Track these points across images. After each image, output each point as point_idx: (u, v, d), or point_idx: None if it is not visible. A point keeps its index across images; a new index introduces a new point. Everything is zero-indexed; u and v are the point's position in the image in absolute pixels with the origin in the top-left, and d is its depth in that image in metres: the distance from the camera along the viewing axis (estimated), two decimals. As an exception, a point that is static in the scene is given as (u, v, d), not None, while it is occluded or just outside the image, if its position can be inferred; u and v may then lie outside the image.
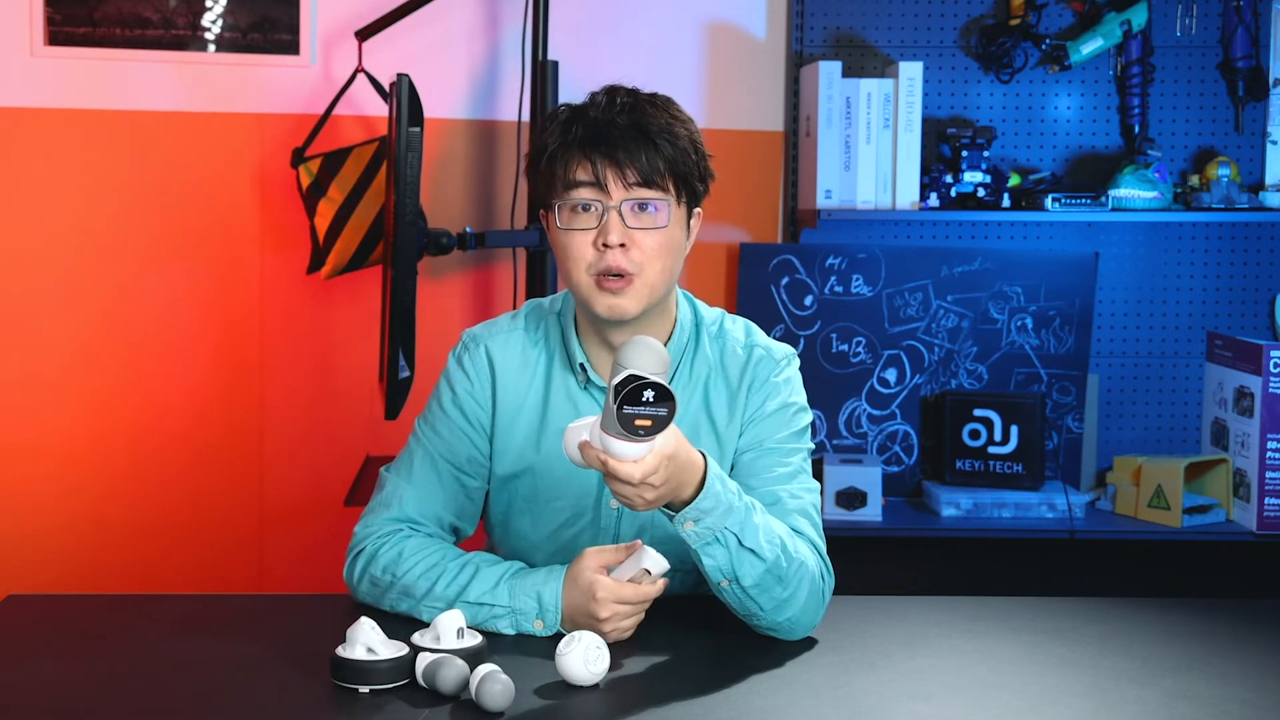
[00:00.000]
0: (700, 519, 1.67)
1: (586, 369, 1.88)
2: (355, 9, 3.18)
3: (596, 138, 1.79)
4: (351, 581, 1.90)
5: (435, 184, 3.24)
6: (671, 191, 1.81)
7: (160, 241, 3.22)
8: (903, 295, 3.19)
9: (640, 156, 1.78)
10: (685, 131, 1.82)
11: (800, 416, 1.91)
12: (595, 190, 1.79)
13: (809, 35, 3.25)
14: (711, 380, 1.90)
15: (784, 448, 1.88)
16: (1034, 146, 3.29)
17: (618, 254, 1.78)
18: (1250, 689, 1.61)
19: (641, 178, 1.78)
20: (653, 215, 1.80)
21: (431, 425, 1.93)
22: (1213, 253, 3.32)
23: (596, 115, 1.80)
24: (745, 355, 1.91)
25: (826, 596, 1.81)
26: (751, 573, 1.71)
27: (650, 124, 1.79)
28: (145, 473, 3.24)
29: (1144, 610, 1.90)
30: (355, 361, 3.25)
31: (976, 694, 1.59)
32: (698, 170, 1.84)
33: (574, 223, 1.80)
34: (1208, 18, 3.24)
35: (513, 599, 1.75)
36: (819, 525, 1.86)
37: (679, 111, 1.85)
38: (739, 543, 1.70)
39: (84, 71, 3.17)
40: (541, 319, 1.95)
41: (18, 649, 1.73)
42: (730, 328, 1.94)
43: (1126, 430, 3.33)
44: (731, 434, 1.89)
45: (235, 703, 1.54)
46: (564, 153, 1.80)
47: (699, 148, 1.84)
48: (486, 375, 1.92)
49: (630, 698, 1.56)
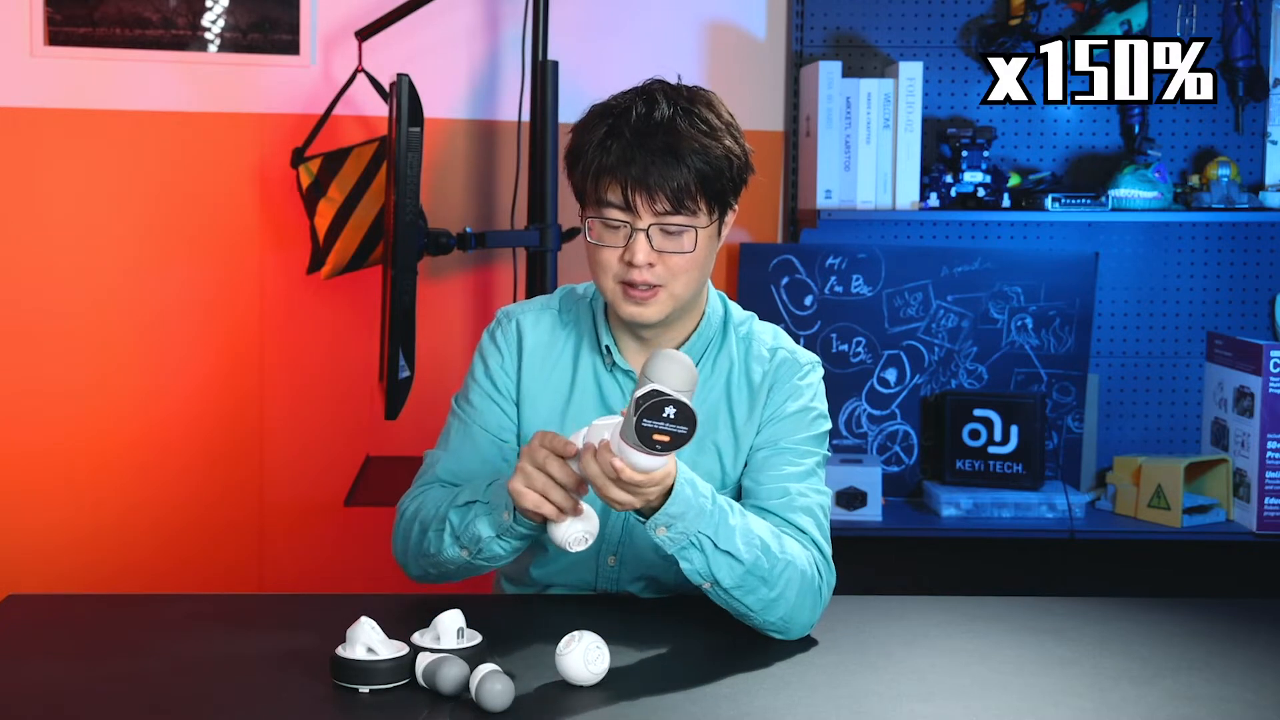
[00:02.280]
0: (671, 524, 1.68)
1: (612, 351, 1.92)
2: (355, 9, 3.18)
3: (628, 160, 1.78)
4: (396, 551, 1.92)
5: (435, 184, 3.24)
6: (703, 209, 1.81)
7: (160, 241, 3.23)
8: (903, 295, 3.19)
9: (672, 181, 1.77)
10: (721, 148, 1.80)
11: (819, 422, 1.92)
12: (625, 212, 1.80)
13: (809, 35, 3.25)
14: (734, 377, 1.93)
15: (799, 448, 1.89)
16: (1034, 146, 3.29)
17: (643, 271, 1.80)
18: (1250, 689, 1.61)
19: (671, 204, 1.78)
20: (679, 239, 1.80)
21: (466, 397, 1.98)
22: (1213, 253, 3.32)
23: (631, 134, 1.78)
24: (770, 356, 1.94)
25: (825, 596, 1.81)
26: (730, 575, 1.72)
27: (683, 144, 1.78)
28: (145, 473, 3.24)
29: (1144, 610, 1.90)
30: (355, 361, 3.25)
31: (976, 694, 1.59)
32: (733, 183, 1.83)
33: (604, 238, 1.82)
34: (1208, 18, 3.24)
35: (488, 494, 1.76)
36: (825, 527, 1.86)
37: (717, 118, 1.82)
38: (714, 546, 1.70)
39: (84, 71, 3.17)
40: (575, 302, 1.99)
41: (18, 649, 1.72)
42: (758, 329, 1.97)
43: (1126, 430, 3.33)
44: (749, 431, 1.91)
45: (235, 703, 1.54)
46: (597, 170, 1.80)
47: (734, 158, 1.82)
48: (515, 348, 1.96)
49: (630, 698, 1.56)
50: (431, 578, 1.89)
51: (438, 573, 1.86)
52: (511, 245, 3.14)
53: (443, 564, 1.82)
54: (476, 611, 1.72)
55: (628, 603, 1.92)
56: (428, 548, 1.82)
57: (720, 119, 1.83)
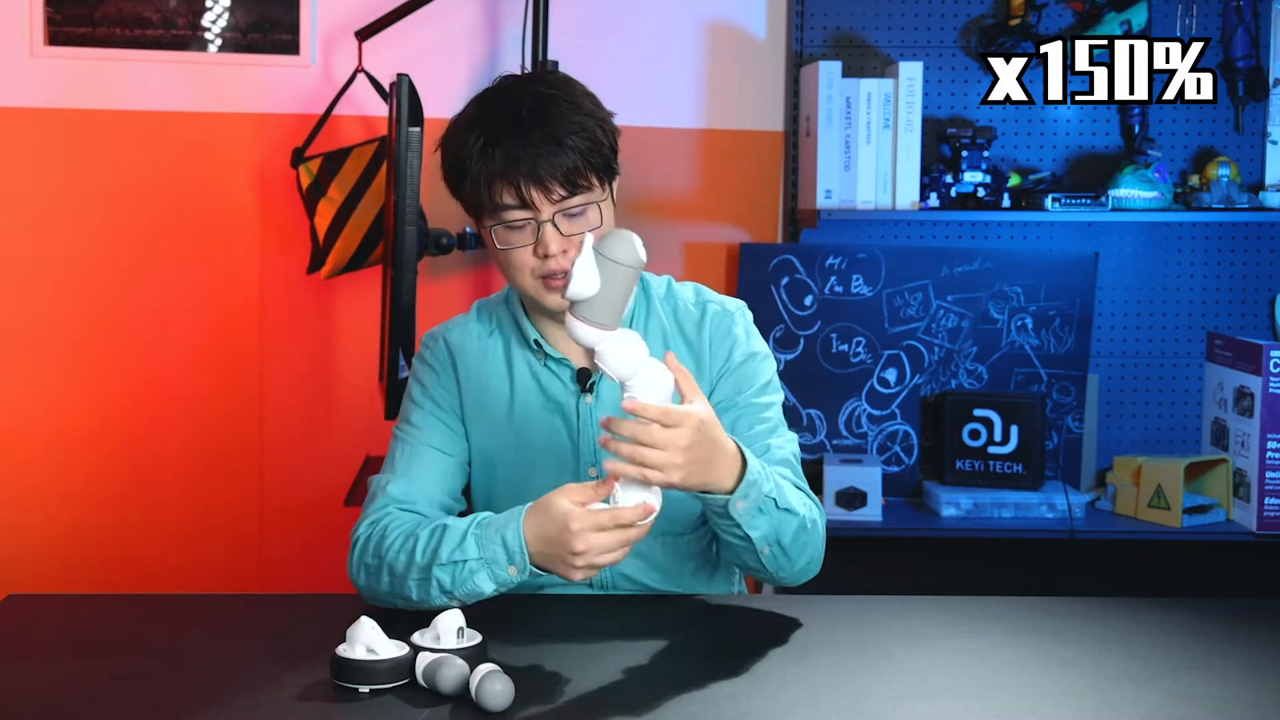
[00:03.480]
0: (748, 494, 1.71)
1: (542, 344, 1.93)
2: (355, 9, 3.18)
3: (514, 159, 1.80)
4: (353, 578, 1.89)
5: (435, 184, 3.23)
6: (595, 184, 1.84)
7: (160, 241, 3.23)
8: (903, 295, 3.19)
9: (560, 167, 1.80)
10: (593, 120, 1.84)
11: (766, 364, 1.96)
12: (525, 210, 1.82)
13: (809, 35, 3.25)
14: (670, 341, 1.94)
15: (759, 402, 1.93)
16: (1034, 146, 3.29)
17: (559, 259, 1.82)
18: (1250, 689, 1.61)
19: (567, 188, 1.81)
20: (583, 218, 1.84)
21: (406, 419, 1.97)
22: (1213, 253, 3.32)
23: (507, 133, 1.80)
24: (699, 312, 1.96)
25: (823, 531, 1.88)
26: (788, 531, 1.78)
27: (559, 128, 1.80)
28: (145, 472, 3.24)
29: (1144, 610, 1.90)
30: (355, 361, 3.25)
31: (976, 694, 1.59)
32: (612, 150, 1.87)
33: (511, 240, 1.85)
34: (1207, 18, 3.24)
35: (481, 549, 1.74)
36: (800, 470, 1.92)
37: (579, 96, 1.86)
38: (776, 505, 1.75)
39: (84, 71, 3.17)
40: (491, 310, 2.01)
41: (18, 649, 1.72)
42: (678, 289, 2.00)
43: (1126, 430, 3.33)
44: (702, 387, 1.90)
45: (235, 703, 1.54)
46: (486, 179, 1.82)
47: (605, 126, 1.86)
48: (448, 363, 1.97)
49: (630, 698, 1.56)
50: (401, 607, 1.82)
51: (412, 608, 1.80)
52: (511, 245, 3.13)
53: (424, 606, 1.78)
54: (476, 611, 1.72)
55: (628, 602, 1.92)
56: (408, 594, 1.78)
57: (578, 92, 1.86)
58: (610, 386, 1.91)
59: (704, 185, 3.30)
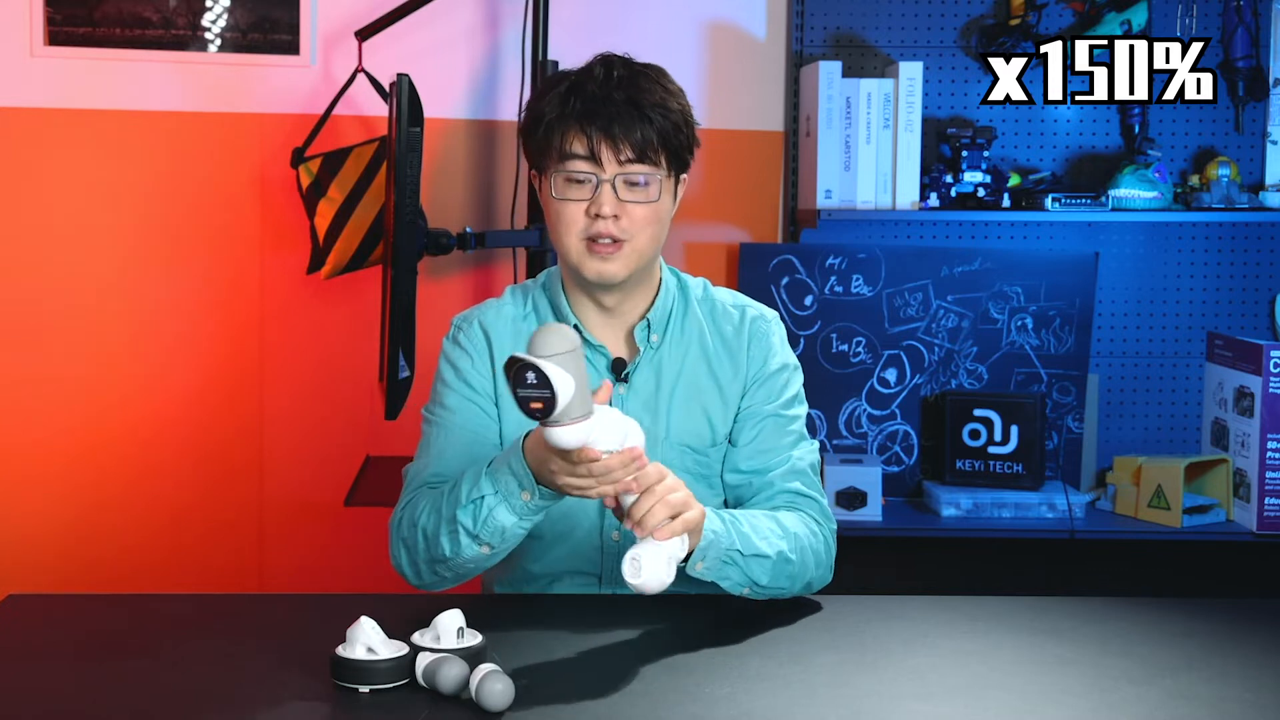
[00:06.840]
0: (704, 555, 1.77)
1: (581, 330, 1.93)
2: (355, 9, 3.18)
3: (593, 112, 1.84)
4: (395, 562, 1.91)
5: (435, 184, 3.24)
6: (663, 165, 1.87)
7: (160, 241, 3.23)
8: (903, 295, 3.19)
9: (635, 132, 1.84)
10: (678, 105, 1.89)
11: (797, 376, 2.01)
12: (590, 163, 1.85)
13: (809, 35, 3.25)
14: (707, 340, 1.98)
15: (787, 414, 1.98)
16: (1034, 146, 3.29)
17: (609, 223, 1.85)
18: (1250, 689, 1.61)
19: (635, 153, 1.85)
20: (644, 189, 1.87)
21: (439, 403, 1.97)
22: (1213, 253, 3.32)
23: (594, 89, 1.85)
24: (738, 315, 2.00)
25: (832, 544, 1.93)
26: (764, 572, 1.81)
27: (644, 98, 1.85)
28: (145, 472, 3.24)
29: (1144, 610, 1.90)
30: (355, 361, 3.25)
31: (976, 694, 1.59)
32: (688, 142, 1.91)
33: (568, 193, 1.87)
34: (1208, 18, 3.24)
35: (495, 483, 1.75)
36: (817, 482, 1.98)
37: (671, 83, 1.91)
38: (742, 554, 1.79)
39: (84, 71, 3.17)
40: (527, 293, 2.01)
41: (18, 649, 1.72)
42: (715, 292, 2.04)
43: (1126, 430, 3.33)
44: (735, 389, 1.97)
45: (235, 703, 1.54)
46: (561, 124, 1.86)
47: (689, 119, 1.91)
48: (484, 347, 1.97)
49: (631, 698, 1.56)
50: (446, 582, 1.87)
51: (453, 575, 1.85)
52: (511, 245, 3.14)
53: (461, 565, 1.82)
54: (476, 611, 1.72)
55: (628, 602, 1.92)
56: (441, 553, 1.81)
57: (673, 87, 1.91)
58: (644, 377, 1.95)
59: (704, 185, 3.30)
